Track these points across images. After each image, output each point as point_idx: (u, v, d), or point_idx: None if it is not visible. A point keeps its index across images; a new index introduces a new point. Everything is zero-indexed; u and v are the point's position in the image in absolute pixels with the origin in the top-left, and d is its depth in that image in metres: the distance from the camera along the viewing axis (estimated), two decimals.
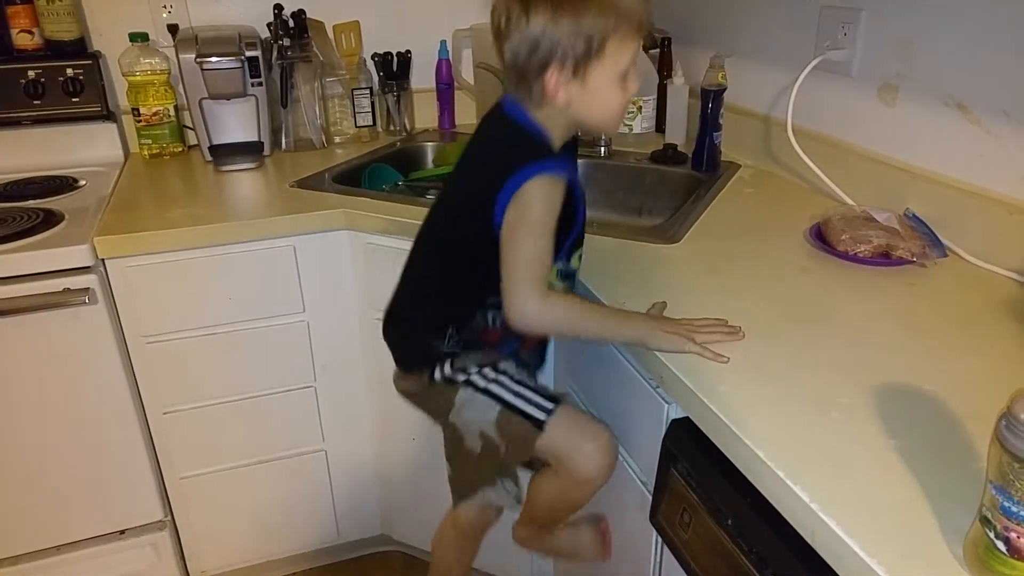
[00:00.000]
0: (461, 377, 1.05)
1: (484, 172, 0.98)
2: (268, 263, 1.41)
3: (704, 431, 0.81)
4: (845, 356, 0.88)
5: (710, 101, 1.53)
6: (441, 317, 1.06)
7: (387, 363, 1.53)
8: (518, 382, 1.04)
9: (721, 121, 1.56)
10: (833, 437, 0.74)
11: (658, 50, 1.82)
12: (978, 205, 1.13)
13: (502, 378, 1.04)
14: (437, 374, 1.07)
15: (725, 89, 1.53)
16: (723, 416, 0.77)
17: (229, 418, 1.50)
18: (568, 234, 0.98)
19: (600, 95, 0.91)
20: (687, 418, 0.86)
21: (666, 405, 0.92)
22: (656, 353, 0.89)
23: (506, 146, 0.96)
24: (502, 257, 0.92)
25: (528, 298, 0.91)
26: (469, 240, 0.99)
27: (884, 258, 1.13)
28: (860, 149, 1.36)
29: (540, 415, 1.00)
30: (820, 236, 1.20)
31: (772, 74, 1.58)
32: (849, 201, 1.33)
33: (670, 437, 0.90)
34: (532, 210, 0.90)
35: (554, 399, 1.02)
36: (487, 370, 1.04)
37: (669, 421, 0.92)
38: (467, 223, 0.99)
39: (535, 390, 1.03)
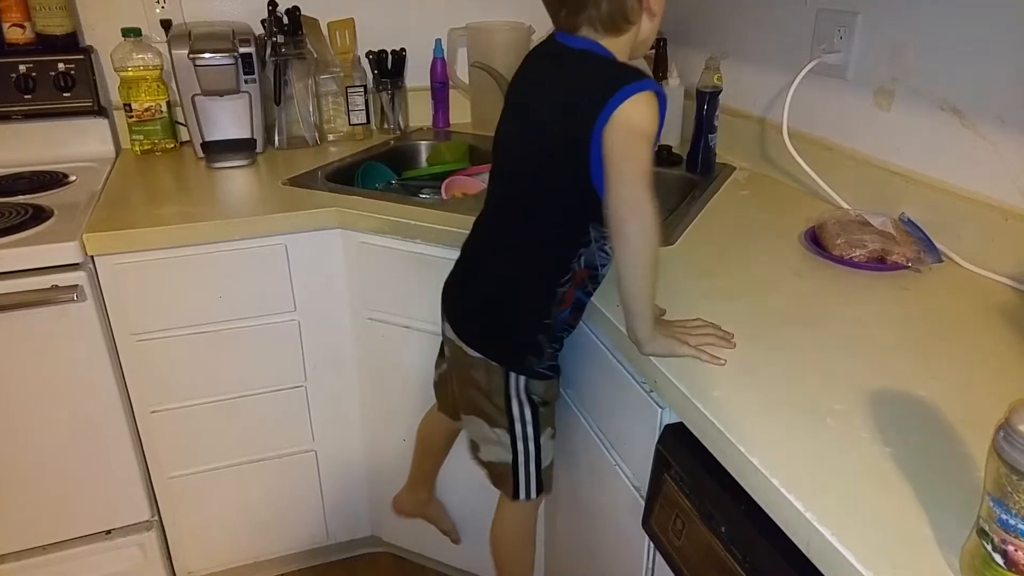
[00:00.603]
0: (516, 412, 1.09)
1: (575, 107, 0.91)
2: (259, 261, 1.40)
3: (698, 437, 0.81)
4: (840, 361, 0.88)
5: (705, 103, 1.53)
6: (535, 284, 1.01)
7: (378, 363, 1.53)
8: (539, 456, 1.12)
9: (716, 123, 1.55)
10: (828, 445, 0.73)
11: (654, 51, 1.81)
12: (973, 210, 1.13)
13: (532, 448, 1.12)
14: (512, 387, 1.07)
15: (721, 91, 1.53)
16: (717, 422, 0.77)
17: (218, 417, 1.49)
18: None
19: (655, 16, 0.94)
20: (681, 423, 0.85)
21: (660, 410, 0.91)
22: (650, 356, 0.89)
23: (598, 75, 0.91)
24: (613, 172, 0.86)
25: (650, 205, 0.85)
26: (564, 188, 0.95)
27: (879, 263, 1.12)
28: (855, 153, 1.36)
29: (523, 494, 1.14)
30: (815, 240, 1.20)
31: (768, 76, 1.57)
32: (844, 205, 1.33)
33: (663, 442, 0.90)
34: (644, 121, 0.86)
35: (544, 489, 1.15)
36: (535, 425, 1.10)
37: (663, 426, 0.91)
38: (559, 169, 0.94)
39: (540, 472, 1.14)
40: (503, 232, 1.06)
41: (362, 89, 1.82)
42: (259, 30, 1.72)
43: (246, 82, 1.63)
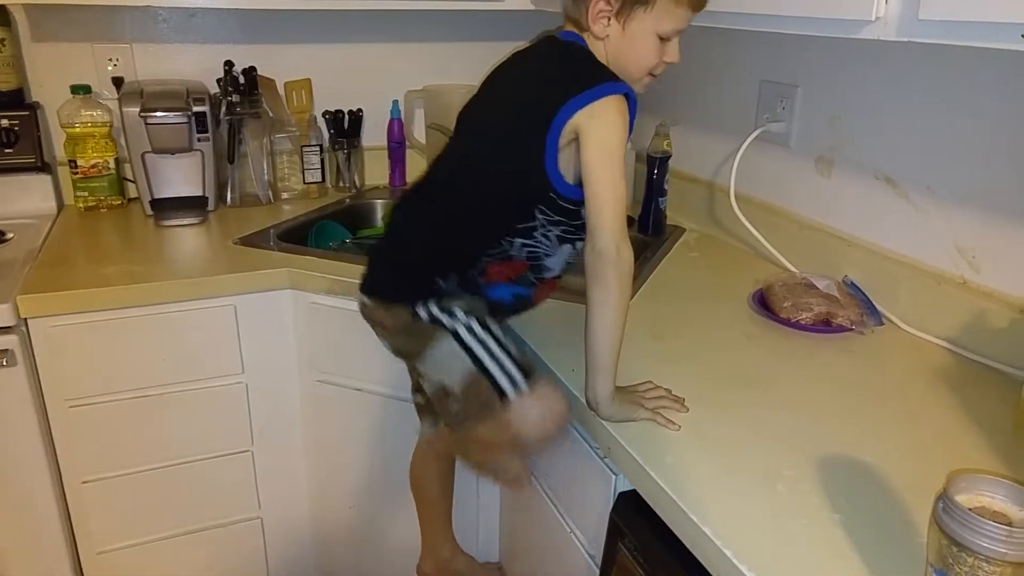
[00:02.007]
0: (446, 320, 0.96)
1: (542, 92, 0.91)
2: (207, 323, 1.36)
3: (651, 505, 0.80)
4: (789, 425, 0.89)
5: (655, 167, 1.57)
6: (452, 252, 0.99)
7: (328, 427, 1.49)
8: (501, 346, 0.95)
9: (666, 187, 1.59)
10: (779, 511, 0.73)
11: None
12: (909, 274, 1.17)
13: (487, 338, 0.95)
14: (422, 312, 0.97)
15: (670, 156, 1.57)
16: (669, 490, 0.76)
17: (157, 486, 1.42)
18: None
19: (635, 44, 0.92)
20: (635, 491, 0.84)
21: (614, 477, 0.91)
22: (603, 422, 0.88)
23: (572, 65, 0.92)
24: (591, 188, 0.86)
25: (624, 238, 0.86)
26: (515, 166, 0.93)
27: (825, 325, 1.15)
28: (800, 217, 1.40)
29: (509, 388, 0.92)
30: (763, 302, 1.23)
31: (716, 143, 1.63)
32: (790, 267, 1.37)
33: (617, 510, 0.89)
34: (614, 135, 0.87)
35: (528, 373, 0.94)
36: (475, 323, 0.96)
37: (617, 494, 0.90)
38: (512, 148, 0.93)
39: (513, 359, 0.95)
40: (433, 205, 1.02)
41: (318, 148, 1.82)
42: (215, 89, 1.71)
43: (199, 140, 1.62)
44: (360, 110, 1.88)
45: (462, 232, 0.99)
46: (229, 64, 1.69)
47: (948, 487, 0.51)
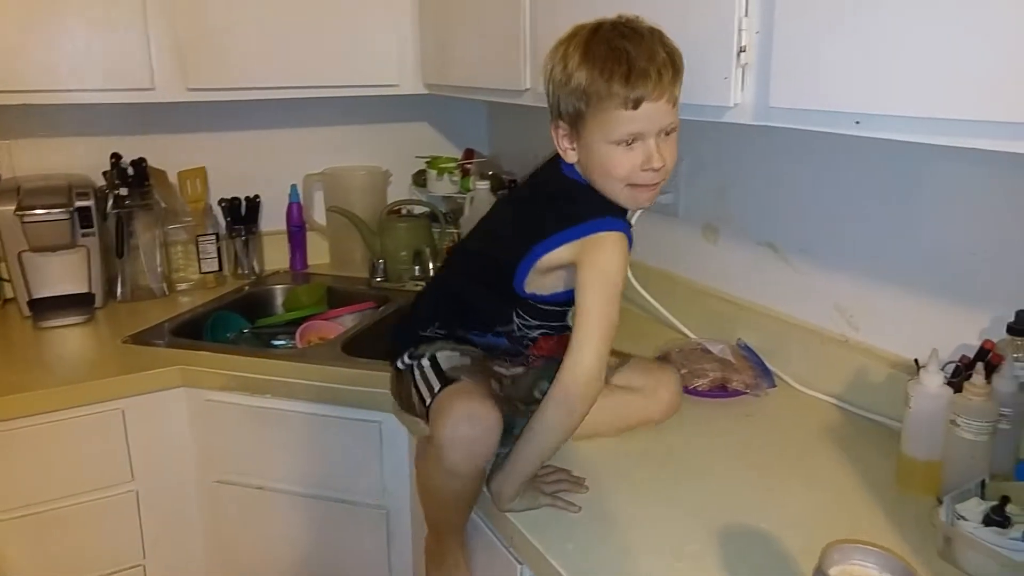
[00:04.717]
0: (411, 363, 0.99)
1: (527, 219, 0.96)
2: (92, 431, 1.28)
3: None
4: (690, 497, 0.90)
5: None
6: (443, 315, 1.02)
7: (229, 530, 1.41)
8: (434, 366, 0.96)
9: None
10: None
11: (506, 191, 1.90)
12: (797, 336, 1.22)
13: (429, 371, 0.96)
14: (399, 364, 1.02)
15: None
16: None
17: None
18: None
19: (596, 158, 0.88)
20: None
21: (519, 566, 0.89)
22: (503, 513, 0.87)
23: (555, 200, 0.94)
24: (581, 308, 0.87)
25: (599, 362, 0.85)
26: (494, 273, 0.96)
27: (721, 390, 1.18)
28: (692, 283, 1.45)
29: (427, 396, 0.93)
30: None
31: None
32: (687, 331, 1.40)
33: None
34: (613, 269, 0.87)
35: (448, 381, 0.92)
36: (426, 361, 0.97)
37: None
38: (498, 255, 0.96)
39: (439, 372, 0.95)
40: (435, 285, 1.12)
41: (214, 236, 1.78)
42: (101, 181, 1.66)
43: (83, 235, 1.56)
44: (257, 196, 1.86)
45: (458, 304, 1.03)
46: (116, 156, 1.64)
47: (822, 561, 0.53)
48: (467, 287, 1.03)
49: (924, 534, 0.81)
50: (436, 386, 0.92)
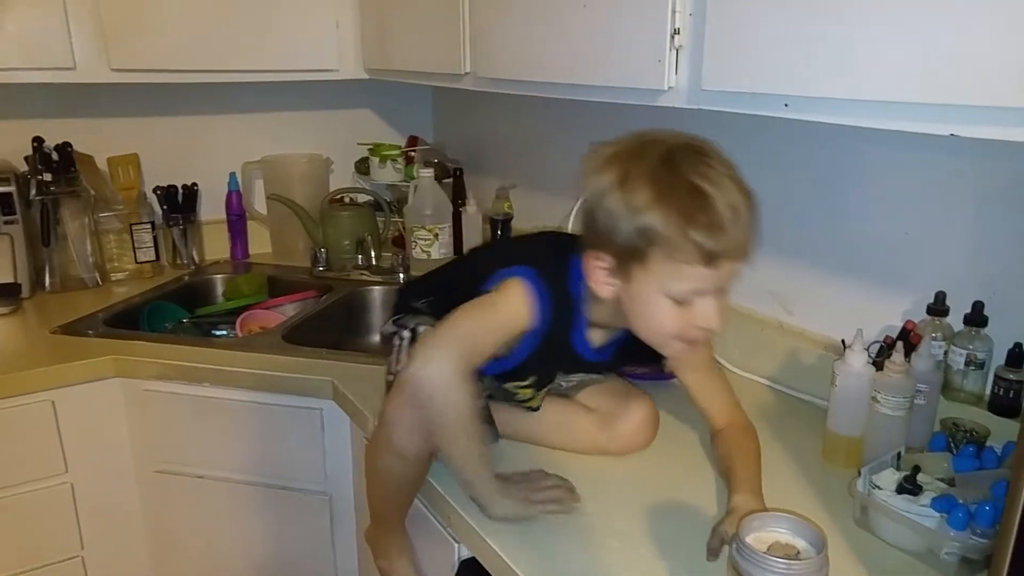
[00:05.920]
0: (394, 329, 0.96)
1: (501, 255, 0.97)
2: (19, 423, 1.24)
3: (490, 572, 0.80)
4: (621, 475, 0.91)
5: (498, 228, 1.61)
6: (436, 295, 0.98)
7: (170, 520, 1.38)
8: (413, 341, 0.93)
9: None
10: (613, 565, 0.74)
11: (451, 179, 1.90)
12: (736, 321, 1.24)
13: (404, 335, 0.94)
14: (386, 329, 0.99)
15: (512, 217, 1.62)
16: (505, 556, 0.76)
17: None
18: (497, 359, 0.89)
19: (642, 306, 0.77)
20: (474, 558, 0.84)
21: (456, 545, 0.89)
22: (441, 492, 0.87)
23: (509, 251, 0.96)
24: (448, 318, 0.82)
25: (444, 358, 0.78)
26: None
27: (658, 373, 1.20)
28: None
29: (395, 369, 0.93)
30: None
31: (553, 201, 1.69)
32: None
33: None
34: (499, 303, 0.83)
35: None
36: (406, 334, 0.94)
37: (459, 562, 0.89)
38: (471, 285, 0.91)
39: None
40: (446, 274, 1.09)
41: (149, 225, 1.73)
42: (24, 167, 1.59)
43: (5, 223, 1.50)
44: (195, 184, 1.81)
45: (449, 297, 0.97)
46: (39, 140, 1.58)
47: (740, 529, 0.54)
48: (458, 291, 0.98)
49: (844, 504, 0.84)
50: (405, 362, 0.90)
